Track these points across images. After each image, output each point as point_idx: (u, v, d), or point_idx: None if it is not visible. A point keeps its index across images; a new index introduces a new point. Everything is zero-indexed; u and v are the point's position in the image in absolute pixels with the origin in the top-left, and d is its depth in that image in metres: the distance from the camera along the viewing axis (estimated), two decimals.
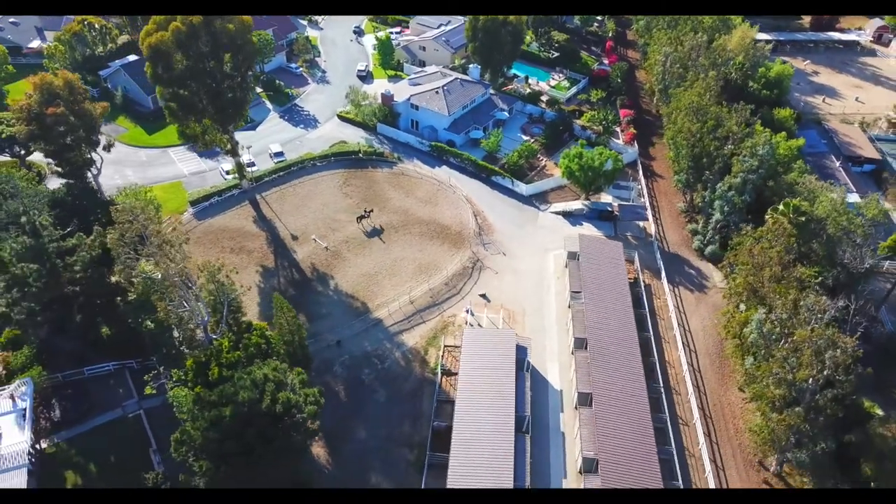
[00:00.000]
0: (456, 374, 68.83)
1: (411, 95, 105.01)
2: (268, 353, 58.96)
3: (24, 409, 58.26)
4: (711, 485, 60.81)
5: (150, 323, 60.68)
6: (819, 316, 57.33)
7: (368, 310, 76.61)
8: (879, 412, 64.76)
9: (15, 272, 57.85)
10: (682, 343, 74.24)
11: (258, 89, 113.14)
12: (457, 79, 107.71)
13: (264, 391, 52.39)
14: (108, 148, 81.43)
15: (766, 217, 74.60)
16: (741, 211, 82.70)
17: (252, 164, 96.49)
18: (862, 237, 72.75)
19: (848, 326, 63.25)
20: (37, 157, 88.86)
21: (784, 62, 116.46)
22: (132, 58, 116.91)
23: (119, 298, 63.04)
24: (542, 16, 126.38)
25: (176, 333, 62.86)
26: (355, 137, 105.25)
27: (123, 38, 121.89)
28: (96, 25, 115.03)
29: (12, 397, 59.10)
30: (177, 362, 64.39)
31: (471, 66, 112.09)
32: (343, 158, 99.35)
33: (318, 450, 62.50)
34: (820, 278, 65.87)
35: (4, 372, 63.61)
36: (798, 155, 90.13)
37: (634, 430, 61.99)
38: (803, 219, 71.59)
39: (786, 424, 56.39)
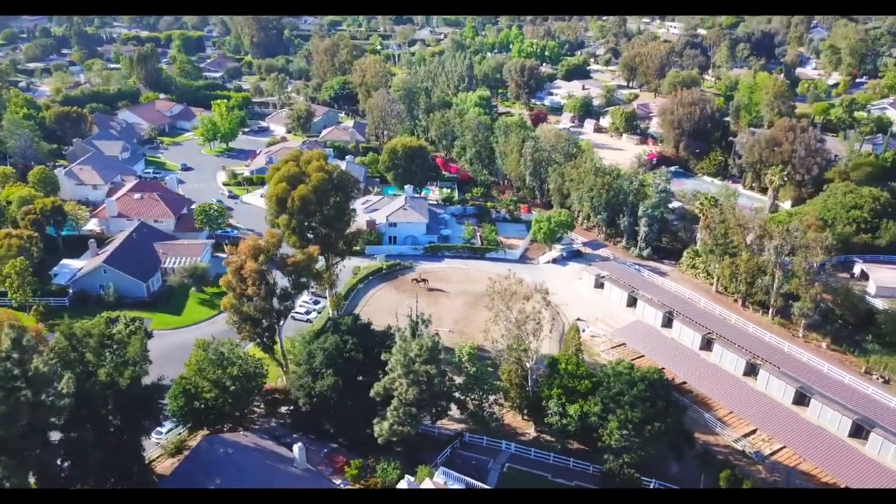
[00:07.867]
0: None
1: (388, 216, 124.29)
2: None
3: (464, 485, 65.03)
4: (795, 351, 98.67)
5: (498, 382, 73.36)
6: (798, 233, 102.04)
7: None
8: None
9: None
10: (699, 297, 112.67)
11: None
12: (407, 197, 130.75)
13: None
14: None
15: (697, 212, 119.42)
16: (660, 222, 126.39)
17: (318, 302, 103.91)
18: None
19: None
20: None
21: None
22: (73, 261, 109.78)
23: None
24: None
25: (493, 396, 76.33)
26: (351, 263, 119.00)
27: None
28: (24, 235, 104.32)
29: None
30: (483, 419, 77.14)
31: (407, 186, 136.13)
32: (375, 276, 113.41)
33: None
34: None
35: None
36: None
37: (749, 340, 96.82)
38: (717, 203, 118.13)
39: (814, 294, 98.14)
